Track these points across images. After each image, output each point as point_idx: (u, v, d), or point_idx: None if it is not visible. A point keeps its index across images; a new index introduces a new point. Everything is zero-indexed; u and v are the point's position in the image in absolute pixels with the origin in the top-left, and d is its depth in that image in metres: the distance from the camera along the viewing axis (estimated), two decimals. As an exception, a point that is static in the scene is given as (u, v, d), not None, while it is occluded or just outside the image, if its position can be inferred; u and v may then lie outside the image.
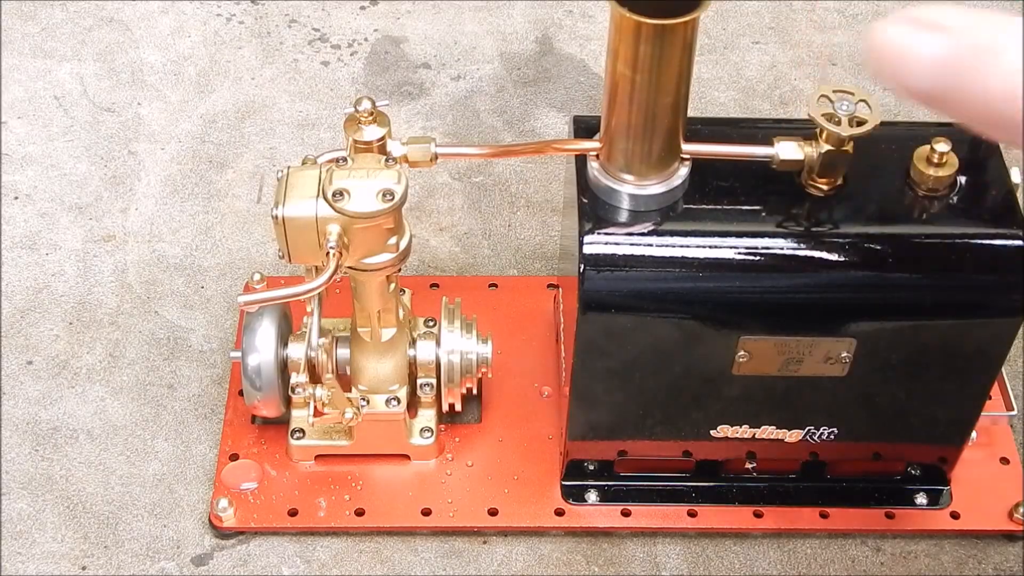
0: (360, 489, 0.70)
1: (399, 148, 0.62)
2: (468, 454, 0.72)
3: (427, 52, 0.95)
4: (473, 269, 0.82)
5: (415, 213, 0.84)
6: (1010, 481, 0.71)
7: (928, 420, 0.66)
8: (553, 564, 0.68)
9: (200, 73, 0.93)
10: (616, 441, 0.68)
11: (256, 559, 0.68)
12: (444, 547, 0.69)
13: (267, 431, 0.72)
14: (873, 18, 0.98)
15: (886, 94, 0.93)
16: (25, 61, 0.93)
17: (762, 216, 0.60)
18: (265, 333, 0.67)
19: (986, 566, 0.69)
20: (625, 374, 0.64)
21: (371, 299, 0.65)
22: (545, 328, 0.77)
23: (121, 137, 0.89)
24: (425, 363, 0.69)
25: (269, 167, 0.87)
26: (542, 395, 0.74)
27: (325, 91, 0.92)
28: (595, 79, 0.94)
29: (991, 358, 0.63)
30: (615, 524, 0.69)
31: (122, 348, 0.77)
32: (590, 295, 0.60)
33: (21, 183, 0.85)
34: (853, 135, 0.58)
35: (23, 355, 0.76)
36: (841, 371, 0.62)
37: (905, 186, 0.61)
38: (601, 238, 0.59)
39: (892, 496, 0.70)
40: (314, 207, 0.60)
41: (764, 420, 0.66)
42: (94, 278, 0.80)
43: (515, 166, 0.88)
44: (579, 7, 0.99)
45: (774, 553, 0.69)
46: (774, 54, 0.96)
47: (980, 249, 0.59)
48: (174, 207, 0.85)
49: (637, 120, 0.57)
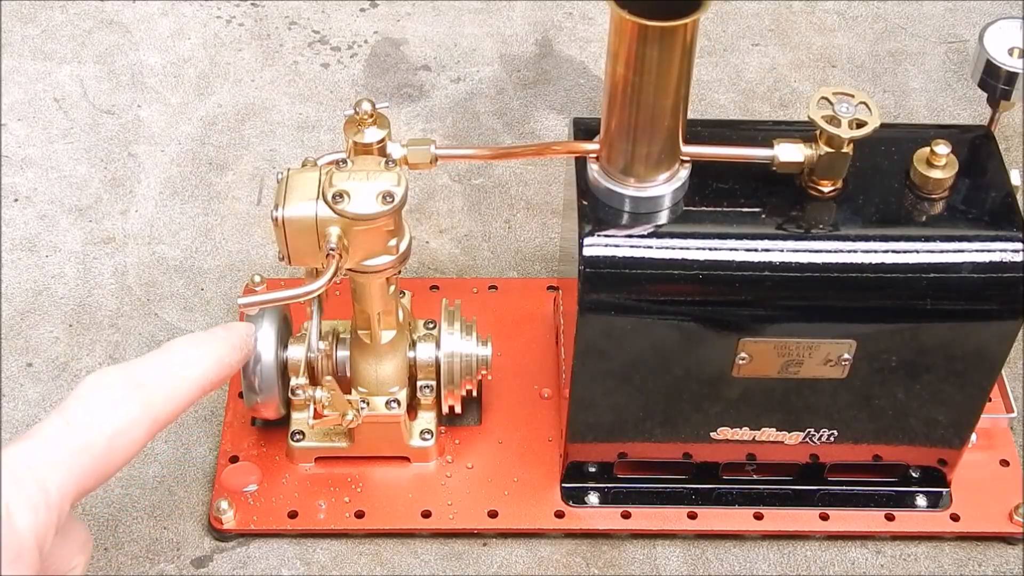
0: (360, 491, 0.70)
1: (399, 150, 0.62)
2: (468, 456, 0.72)
3: (427, 54, 0.95)
4: (473, 271, 0.82)
5: (415, 215, 0.84)
6: (1010, 483, 0.71)
7: (928, 422, 0.66)
8: (553, 566, 0.68)
9: (200, 75, 0.93)
10: (616, 443, 0.68)
11: (256, 561, 0.68)
12: (444, 549, 0.69)
13: (267, 433, 0.72)
14: (873, 20, 0.98)
15: (886, 95, 0.93)
16: (25, 63, 0.93)
17: (762, 218, 0.60)
18: (265, 335, 0.66)
19: (986, 568, 0.69)
20: (625, 376, 0.64)
21: (371, 301, 0.65)
22: (545, 330, 0.77)
23: (121, 139, 0.89)
24: (425, 365, 0.69)
25: (269, 169, 0.87)
26: (542, 397, 0.74)
27: (325, 93, 0.92)
28: (595, 81, 0.94)
29: (991, 360, 0.63)
30: (615, 526, 0.69)
31: (122, 350, 0.77)
32: (590, 297, 0.60)
33: (21, 185, 0.85)
34: (853, 137, 0.58)
35: (23, 357, 0.76)
36: (841, 373, 0.62)
37: (905, 188, 0.61)
38: (601, 240, 0.59)
39: (892, 498, 0.70)
40: (314, 209, 0.60)
41: (764, 422, 0.66)
42: (94, 280, 0.80)
43: (515, 168, 0.88)
44: (579, 9, 0.99)
45: (774, 555, 0.69)
46: (774, 56, 0.96)
47: (980, 251, 0.59)
48: (174, 209, 0.85)
49: (637, 122, 0.57)
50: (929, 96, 0.93)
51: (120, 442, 0.54)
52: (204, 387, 0.58)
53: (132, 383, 0.55)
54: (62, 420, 0.53)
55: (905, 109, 0.92)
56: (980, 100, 0.66)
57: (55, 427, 0.53)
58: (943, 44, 0.97)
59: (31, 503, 0.50)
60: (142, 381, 0.55)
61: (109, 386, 0.54)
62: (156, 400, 0.55)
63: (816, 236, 0.59)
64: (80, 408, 0.53)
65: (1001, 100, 0.62)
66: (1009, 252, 0.59)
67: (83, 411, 0.53)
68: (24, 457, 0.52)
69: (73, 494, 0.52)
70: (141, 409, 0.54)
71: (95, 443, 0.53)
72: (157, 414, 0.55)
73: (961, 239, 0.59)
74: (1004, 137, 0.88)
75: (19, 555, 0.50)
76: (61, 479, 0.52)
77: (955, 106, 0.93)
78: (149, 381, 0.55)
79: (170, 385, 0.56)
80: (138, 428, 0.54)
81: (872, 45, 0.97)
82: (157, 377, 0.56)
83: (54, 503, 0.51)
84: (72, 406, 0.54)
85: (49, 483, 0.51)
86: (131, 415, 0.54)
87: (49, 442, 0.52)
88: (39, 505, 0.51)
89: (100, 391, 0.54)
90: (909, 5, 1.00)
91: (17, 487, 0.50)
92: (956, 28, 0.98)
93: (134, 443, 0.54)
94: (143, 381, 0.55)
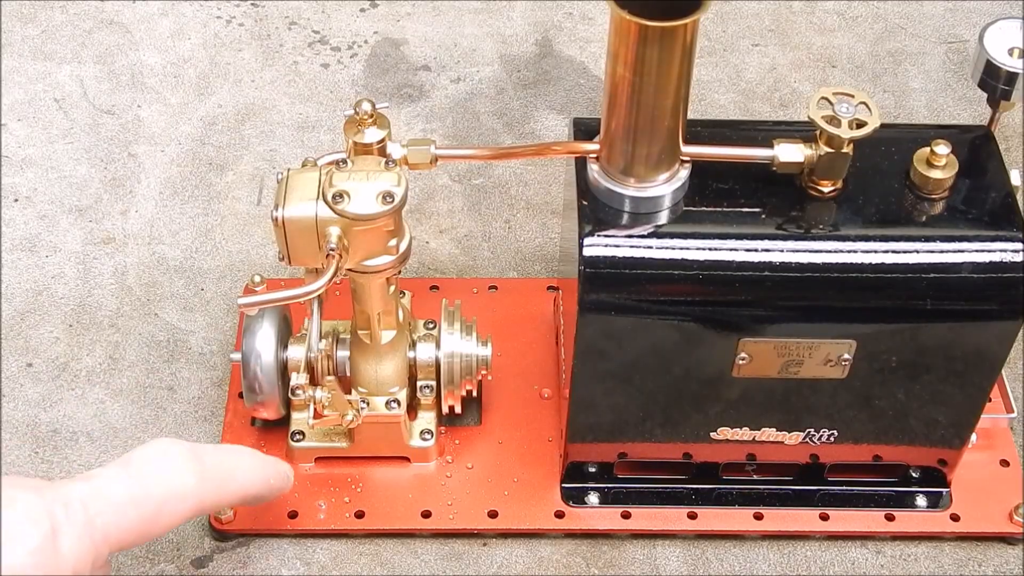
0: (360, 491, 0.70)
1: (399, 150, 0.63)
2: (468, 456, 0.72)
3: (427, 54, 0.95)
4: (473, 271, 0.82)
5: (415, 215, 0.84)
6: (1010, 483, 0.71)
7: (928, 422, 0.66)
8: (553, 566, 0.68)
9: (200, 75, 0.93)
10: (616, 443, 0.68)
11: (256, 561, 0.68)
12: (444, 549, 0.69)
13: (267, 433, 0.72)
14: (873, 20, 0.98)
15: (886, 96, 0.93)
16: (25, 63, 0.93)
17: (762, 218, 0.60)
18: (265, 335, 0.67)
19: (986, 568, 0.69)
20: (625, 376, 0.64)
21: (371, 301, 0.65)
22: (545, 330, 0.77)
23: (121, 139, 0.89)
24: (425, 365, 0.69)
25: (269, 169, 0.87)
26: (542, 397, 0.74)
27: (325, 93, 0.92)
28: (595, 81, 0.94)
29: (991, 360, 0.63)
30: (615, 526, 0.69)
31: (122, 350, 0.77)
32: (590, 297, 0.60)
33: (21, 185, 0.85)
34: (853, 137, 0.58)
35: (23, 357, 0.76)
36: (841, 373, 0.62)
37: (905, 188, 0.61)
38: (601, 240, 0.59)
39: (892, 498, 0.70)
40: (314, 209, 0.60)
41: (764, 422, 0.66)
42: (94, 280, 0.80)
43: (515, 168, 0.88)
44: (579, 9, 0.99)
45: (774, 555, 0.69)
46: (774, 56, 0.96)
47: (980, 251, 0.59)
48: (174, 209, 0.85)
49: (637, 122, 0.57)
50: (929, 96, 0.93)
51: (168, 508, 0.55)
52: (247, 493, 0.60)
53: (194, 457, 0.57)
54: (123, 471, 0.55)
55: (905, 109, 0.92)
56: (980, 100, 0.66)
57: (114, 474, 0.54)
58: (943, 44, 0.97)
59: (77, 532, 0.51)
60: (203, 460, 0.57)
61: (173, 453, 0.56)
62: (210, 482, 0.57)
63: (816, 236, 0.59)
64: (142, 464, 0.55)
65: (1001, 100, 0.62)
66: (1009, 252, 0.59)
67: (144, 467, 0.55)
68: (78, 492, 0.53)
69: (115, 540, 0.54)
70: (196, 483, 0.56)
71: (147, 500, 0.54)
72: (205, 495, 0.57)
73: (961, 239, 0.59)
74: (1004, 137, 0.88)
75: None
76: (108, 522, 0.53)
77: (955, 106, 0.93)
78: (209, 463, 0.58)
79: (227, 474, 0.59)
80: (186, 501, 0.56)
81: (872, 45, 0.97)
82: (217, 462, 0.58)
83: (99, 541, 0.52)
84: (134, 460, 0.55)
85: (97, 521, 0.52)
86: (186, 486, 0.56)
87: (105, 486, 0.54)
88: (84, 537, 0.52)
89: (164, 455, 0.56)
90: (909, 5, 1.00)
91: (66, 513, 0.51)
92: (956, 28, 0.98)
93: (178, 515, 0.56)
94: (204, 460, 0.57)
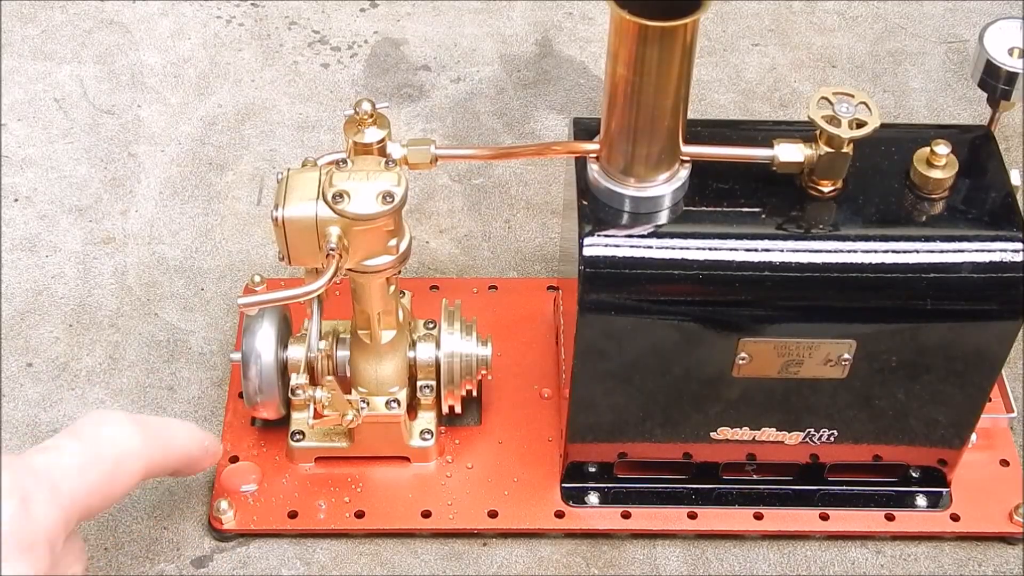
0: (360, 491, 0.70)
1: (399, 150, 0.62)
2: (468, 456, 0.72)
3: (427, 54, 0.95)
4: (473, 271, 0.82)
5: (415, 215, 0.84)
6: (1010, 483, 0.71)
7: (928, 422, 0.66)
8: (553, 566, 0.68)
9: (200, 75, 0.93)
10: (616, 443, 0.68)
11: (256, 561, 0.68)
12: (444, 549, 0.69)
13: (267, 433, 0.72)
14: (873, 20, 0.98)
15: (886, 96, 0.93)
16: (25, 63, 0.93)
17: (762, 218, 0.60)
18: (265, 335, 0.67)
19: (986, 568, 0.69)
20: (625, 376, 0.64)
21: (371, 301, 0.65)
22: (545, 330, 0.77)
23: (121, 139, 0.89)
24: (425, 365, 0.69)
25: (269, 169, 0.87)
26: (542, 397, 0.74)
27: (325, 93, 0.92)
28: (595, 81, 0.94)
29: (991, 360, 0.63)
30: (615, 526, 0.69)
31: (122, 350, 0.77)
32: (590, 297, 0.60)
33: (21, 185, 0.85)
34: (853, 137, 0.58)
35: (23, 357, 0.76)
36: (841, 373, 0.62)
37: (905, 188, 0.61)
38: (601, 240, 0.59)
39: (892, 498, 0.70)
40: (314, 209, 0.60)
41: (764, 422, 0.66)
42: (94, 280, 0.80)
43: (515, 168, 0.88)
44: (579, 9, 0.99)
45: (774, 555, 0.69)
46: (774, 56, 0.96)
47: (980, 251, 0.59)
48: (174, 209, 0.85)
49: (637, 122, 0.57)
50: (929, 96, 0.93)
51: (122, 468, 0.57)
52: (188, 454, 0.62)
53: (135, 420, 0.58)
54: (73, 438, 0.56)
55: (905, 109, 0.92)
56: (980, 100, 0.66)
57: (66, 443, 0.56)
58: (943, 44, 0.97)
59: (46, 498, 0.53)
60: (144, 423, 0.59)
61: (115, 419, 0.58)
62: (153, 440, 0.59)
63: (816, 236, 0.59)
64: (89, 430, 0.57)
65: (1001, 100, 0.62)
66: (1009, 252, 0.59)
67: (92, 432, 0.57)
68: (39, 462, 0.54)
69: (82, 505, 0.55)
70: (141, 442, 0.58)
71: (102, 462, 0.56)
72: (153, 453, 0.59)
73: (961, 239, 0.59)
74: (1004, 137, 0.88)
75: (32, 545, 0.51)
76: (73, 487, 0.54)
77: (955, 106, 0.93)
78: (150, 425, 0.60)
79: (168, 434, 0.61)
80: (138, 460, 0.58)
81: (872, 45, 0.97)
82: (156, 424, 0.61)
83: (67, 505, 0.54)
84: (81, 428, 0.57)
85: (63, 486, 0.54)
86: (134, 444, 0.58)
87: (63, 453, 0.55)
88: (53, 503, 0.53)
89: (108, 420, 0.58)
90: (909, 5, 1.00)
91: (35, 481, 0.52)
92: (956, 28, 0.98)
93: (131, 474, 0.58)
94: (145, 424, 0.59)
